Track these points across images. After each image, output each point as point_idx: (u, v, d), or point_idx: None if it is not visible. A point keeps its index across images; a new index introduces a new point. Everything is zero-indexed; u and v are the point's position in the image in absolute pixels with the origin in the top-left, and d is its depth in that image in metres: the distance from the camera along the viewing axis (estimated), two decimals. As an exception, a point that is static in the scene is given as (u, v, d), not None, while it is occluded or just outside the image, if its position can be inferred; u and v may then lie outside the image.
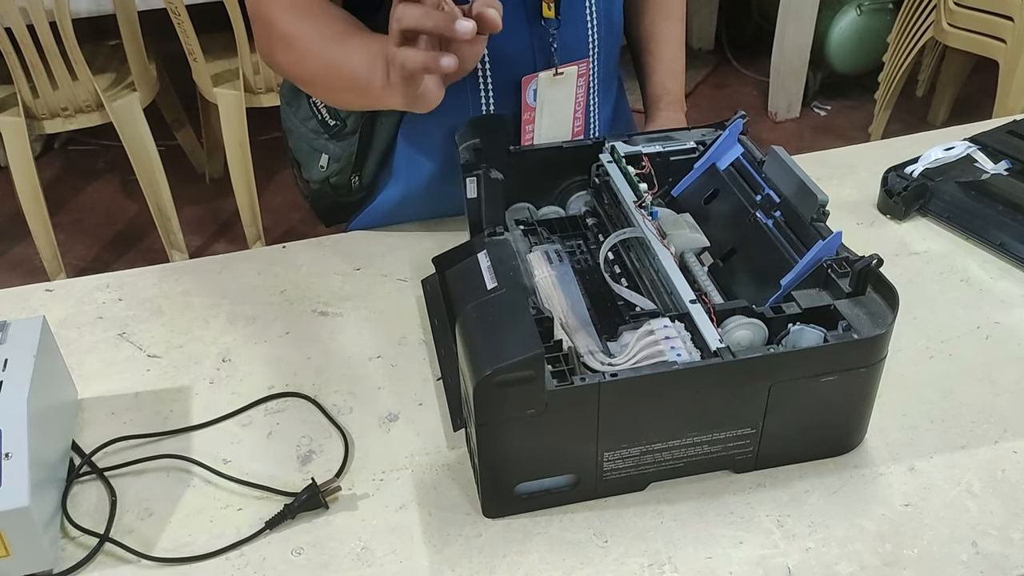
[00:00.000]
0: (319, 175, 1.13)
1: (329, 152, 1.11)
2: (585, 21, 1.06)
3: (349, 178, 1.13)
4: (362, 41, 0.91)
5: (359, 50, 0.90)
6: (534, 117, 1.06)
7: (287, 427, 0.88)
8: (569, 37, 1.05)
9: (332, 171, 1.12)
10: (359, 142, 1.10)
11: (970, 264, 1.07)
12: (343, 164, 1.11)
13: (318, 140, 1.12)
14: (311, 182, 1.15)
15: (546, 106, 1.06)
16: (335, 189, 1.14)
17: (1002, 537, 0.76)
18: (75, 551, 0.77)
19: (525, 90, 1.04)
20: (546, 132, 1.08)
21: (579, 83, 1.07)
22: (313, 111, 1.11)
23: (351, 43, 0.92)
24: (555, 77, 1.04)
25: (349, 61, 0.91)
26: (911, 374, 0.92)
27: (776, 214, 0.88)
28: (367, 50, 0.89)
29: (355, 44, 0.91)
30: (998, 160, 1.18)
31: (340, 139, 1.10)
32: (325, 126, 1.11)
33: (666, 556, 0.75)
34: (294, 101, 1.13)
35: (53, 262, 2.40)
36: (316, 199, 1.18)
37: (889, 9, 3.04)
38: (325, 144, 1.11)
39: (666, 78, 1.19)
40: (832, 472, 0.82)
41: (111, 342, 0.99)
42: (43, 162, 2.99)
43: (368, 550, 0.77)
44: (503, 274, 0.84)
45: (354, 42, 0.92)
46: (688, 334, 0.77)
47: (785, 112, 3.18)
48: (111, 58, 2.39)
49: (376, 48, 0.88)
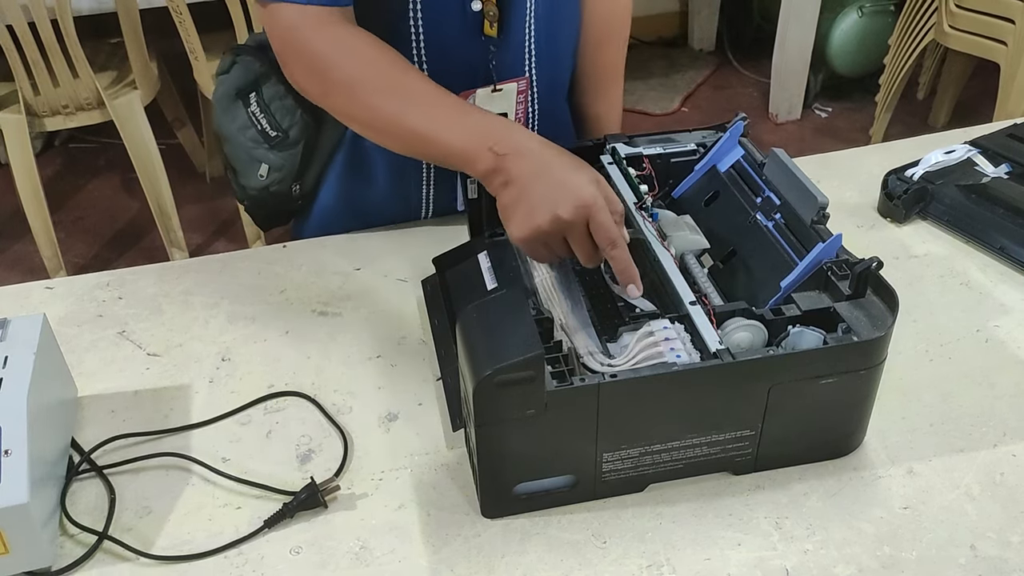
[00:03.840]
0: (258, 183, 1.09)
1: (269, 162, 1.07)
2: (524, 41, 1.06)
3: (290, 187, 1.10)
4: (456, 114, 0.87)
5: (455, 129, 0.85)
6: None
7: (286, 426, 0.88)
8: (508, 55, 1.05)
9: (272, 180, 1.08)
10: (303, 152, 1.07)
11: (970, 267, 1.07)
12: (284, 174, 1.08)
13: (257, 150, 1.07)
14: (248, 188, 1.10)
15: None
16: (274, 197, 1.10)
17: (1000, 540, 0.76)
18: (74, 549, 0.77)
19: None
20: None
21: (518, 99, 1.08)
22: (252, 121, 1.06)
23: (441, 115, 0.87)
24: (493, 93, 1.05)
25: (443, 135, 0.86)
26: (910, 377, 0.92)
27: (776, 216, 0.88)
28: (465, 131, 0.85)
29: (448, 117, 0.87)
30: (998, 163, 1.18)
31: (282, 149, 1.07)
32: (266, 136, 1.06)
33: (664, 557, 0.75)
34: (230, 108, 1.08)
35: (53, 260, 2.40)
36: (253, 205, 1.13)
37: (890, 11, 3.04)
38: (265, 154, 1.07)
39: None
40: (831, 474, 0.82)
41: (111, 340, 0.99)
42: (44, 160, 2.99)
43: (367, 549, 0.77)
44: (503, 275, 0.84)
45: (446, 114, 0.87)
46: (688, 335, 0.77)
47: (786, 114, 3.18)
48: (112, 56, 2.39)
49: (479, 128, 0.84)
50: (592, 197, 0.79)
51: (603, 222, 0.79)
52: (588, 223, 0.80)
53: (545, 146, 0.84)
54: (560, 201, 0.79)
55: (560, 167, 0.82)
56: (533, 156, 0.82)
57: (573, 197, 0.79)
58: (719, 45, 3.63)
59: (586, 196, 0.79)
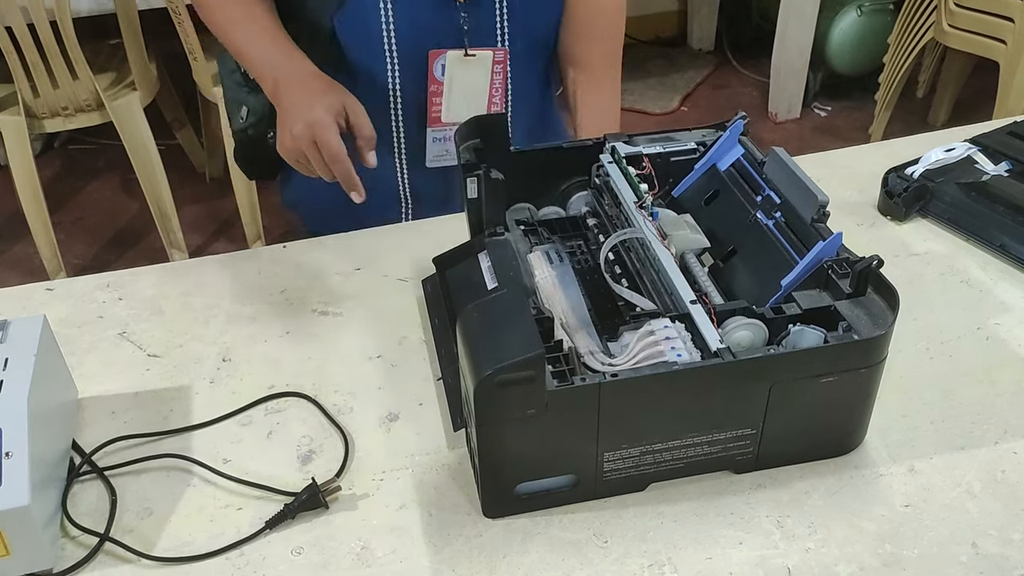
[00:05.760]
0: (239, 125, 1.17)
1: (248, 105, 1.15)
2: (494, 9, 1.11)
3: (265, 132, 1.15)
4: (264, 42, 1.04)
5: (258, 55, 1.03)
6: (441, 91, 1.12)
7: (287, 427, 0.88)
8: (479, 21, 1.10)
9: (249, 123, 1.15)
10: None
11: (970, 265, 1.07)
12: (259, 118, 1.14)
13: (239, 91, 1.15)
14: (234, 132, 1.19)
15: (455, 84, 1.12)
16: (252, 141, 1.17)
17: (1002, 538, 0.76)
18: (75, 550, 0.77)
19: (432, 64, 1.10)
20: (456, 110, 1.14)
21: (495, 69, 1.12)
22: (237, 65, 1.15)
23: (255, 40, 1.04)
24: (466, 58, 1.10)
25: (252, 58, 1.04)
26: (911, 375, 0.92)
27: (776, 215, 0.88)
28: (264, 57, 1.03)
29: (259, 43, 1.04)
30: (998, 161, 1.18)
31: (259, 92, 1.12)
32: (245, 78, 1.15)
33: (666, 556, 0.75)
34: (223, 54, 1.17)
35: (53, 261, 2.40)
36: (238, 148, 1.21)
37: (890, 10, 3.04)
38: (245, 96, 1.15)
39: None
40: (832, 473, 0.82)
41: (111, 341, 0.99)
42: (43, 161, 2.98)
43: (368, 550, 0.77)
44: (503, 274, 0.84)
45: (259, 40, 1.04)
46: (688, 334, 0.77)
47: (785, 113, 3.18)
48: (111, 57, 2.39)
49: (272, 58, 1.01)
50: (318, 118, 0.92)
51: (325, 139, 0.92)
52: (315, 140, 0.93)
53: (312, 78, 0.99)
54: (296, 121, 0.94)
55: (309, 95, 0.96)
56: (297, 86, 0.98)
57: (303, 117, 0.93)
58: (718, 44, 3.63)
59: (312, 117, 0.93)
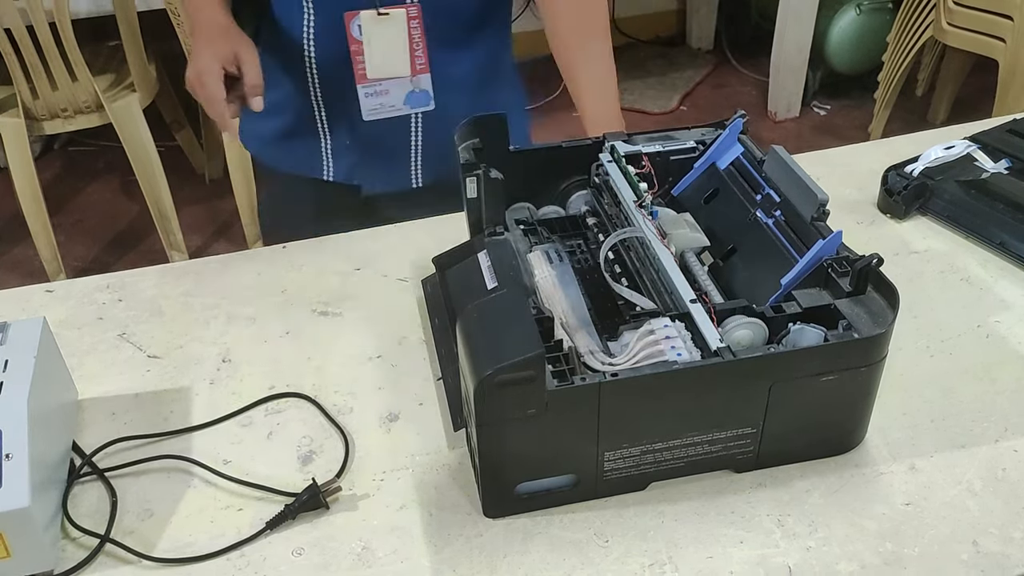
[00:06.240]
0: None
1: None
2: None
3: None
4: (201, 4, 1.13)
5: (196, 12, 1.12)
6: (363, 50, 1.16)
7: (287, 427, 0.88)
8: None
9: None
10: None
11: (970, 263, 1.07)
12: None
13: None
14: None
15: (374, 42, 1.15)
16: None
17: (1003, 536, 0.76)
18: (76, 552, 0.77)
19: (349, 24, 1.14)
20: (378, 67, 1.17)
21: (412, 25, 1.15)
22: None
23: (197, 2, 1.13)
24: (380, 16, 1.13)
25: (192, 14, 1.13)
26: (911, 373, 0.92)
27: (776, 213, 0.88)
28: (196, 5, 1.12)
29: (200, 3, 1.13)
30: (998, 159, 1.18)
31: None
32: None
33: (667, 556, 0.75)
34: None
35: (53, 263, 2.40)
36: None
37: (888, 8, 3.04)
38: None
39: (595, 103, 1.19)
40: (832, 471, 0.82)
41: (111, 343, 0.99)
42: (43, 163, 2.98)
43: (369, 550, 0.77)
44: (503, 274, 0.84)
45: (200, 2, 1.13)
46: (688, 334, 0.77)
47: (785, 111, 3.18)
48: (111, 59, 2.39)
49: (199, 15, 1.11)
50: (205, 64, 1.05)
51: (203, 83, 1.05)
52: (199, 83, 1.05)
53: (213, 27, 1.10)
54: (191, 66, 1.06)
55: (208, 42, 1.08)
56: (201, 34, 1.10)
57: (195, 63, 1.06)
58: (717, 43, 3.63)
59: (200, 64, 1.05)
